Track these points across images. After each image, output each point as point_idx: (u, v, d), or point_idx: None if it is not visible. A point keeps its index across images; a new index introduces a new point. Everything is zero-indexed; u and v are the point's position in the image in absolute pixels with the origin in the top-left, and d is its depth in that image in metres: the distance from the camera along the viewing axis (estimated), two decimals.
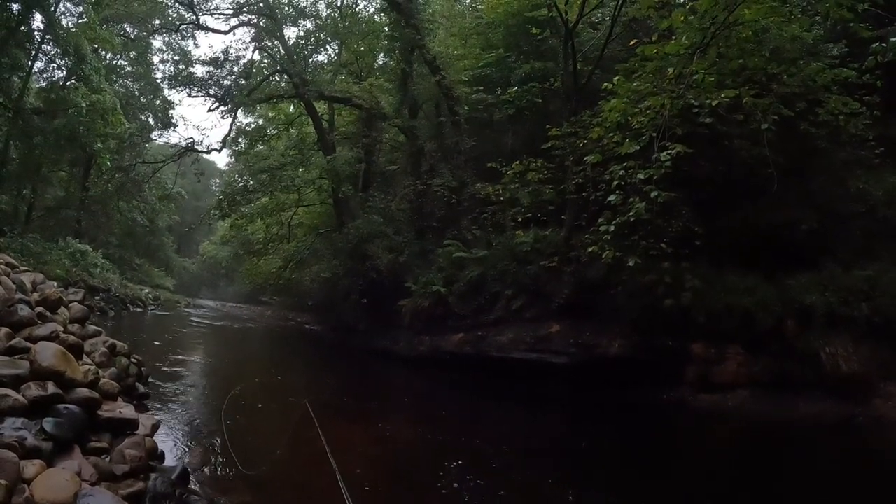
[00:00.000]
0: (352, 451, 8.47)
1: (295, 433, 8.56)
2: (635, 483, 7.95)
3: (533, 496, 7.23)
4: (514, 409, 13.00)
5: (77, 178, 36.93)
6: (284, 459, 7.65)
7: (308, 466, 7.14)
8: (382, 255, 20.76)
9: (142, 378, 9.52)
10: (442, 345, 17.17)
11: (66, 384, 5.61)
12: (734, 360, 12.67)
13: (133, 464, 5.39)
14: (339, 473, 6.48)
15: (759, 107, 11.94)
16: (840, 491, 8.05)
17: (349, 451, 8.51)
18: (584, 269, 14.17)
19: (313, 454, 7.38)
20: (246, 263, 34.57)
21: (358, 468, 7.74)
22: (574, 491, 7.36)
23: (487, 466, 8.16)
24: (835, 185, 13.28)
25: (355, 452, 8.50)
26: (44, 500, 4.18)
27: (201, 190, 60.75)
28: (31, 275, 9.00)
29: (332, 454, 7.12)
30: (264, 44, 27.39)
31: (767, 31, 11.81)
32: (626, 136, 12.11)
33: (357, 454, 8.45)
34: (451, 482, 7.78)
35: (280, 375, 15.77)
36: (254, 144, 31.25)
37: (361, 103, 24.05)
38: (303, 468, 7.02)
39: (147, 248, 48.17)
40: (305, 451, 7.69)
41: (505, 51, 20.88)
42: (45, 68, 30.48)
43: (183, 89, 29.97)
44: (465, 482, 7.73)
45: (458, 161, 19.98)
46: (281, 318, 39.82)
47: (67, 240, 30.70)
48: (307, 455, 7.44)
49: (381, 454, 8.67)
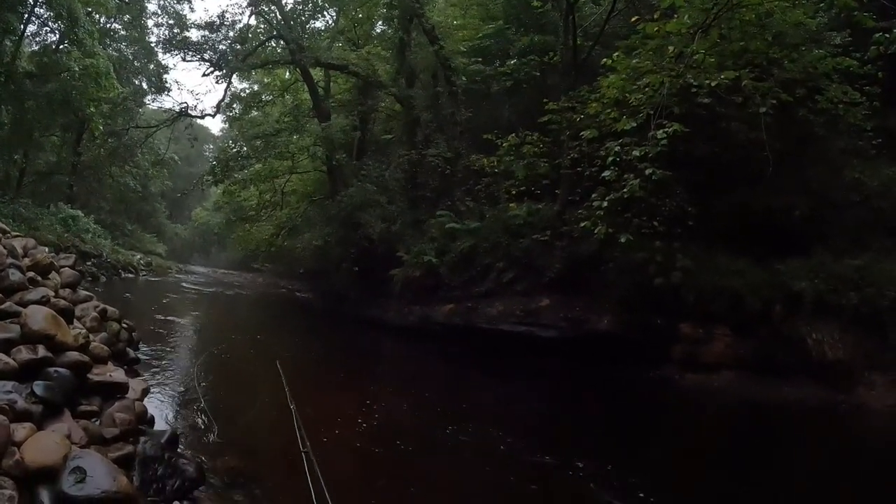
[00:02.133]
0: (339, 417, 8.53)
1: (278, 399, 8.58)
2: (617, 453, 8.03)
3: (515, 463, 7.31)
4: (501, 381, 13.08)
5: (69, 144, 36.50)
6: (270, 425, 7.70)
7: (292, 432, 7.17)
8: (375, 223, 20.70)
9: (132, 343, 9.56)
10: (432, 315, 17.27)
11: (56, 348, 5.60)
12: (721, 341, 12.76)
13: (123, 427, 5.41)
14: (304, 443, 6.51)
15: (758, 90, 11.90)
16: (814, 474, 8.19)
17: (334, 416, 8.58)
18: (577, 244, 14.22)
19: (302, 420, 7.43)
20: (238, 230, 34.38)
21: (342, 432, 7.82)
22: (555, 458, 7.46)
23: (469, 434, 8.22)
24: (830, 174, 13.27)
25: (342, 417, 8.55)
26: (34, 462, 4.19)
27: (194, 156, 60.34)
28: (23, 240, 8.93)
29: (302, 421, 7.18)
30: (261, 8, 26.94)
31: (771, 15, 11.69)
32: (623, 112, 12.12)
33: (343, 419, 8.51)
34: (430, 447, 7.89)
35: (269, 342, 15.81)
36: (248, 110, 31.06)
37: (358, 71, 23.83)
38: (287, 433, 7.04)
39: (139, 213, 48.04)
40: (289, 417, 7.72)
41: (505, 22, 20.79)
42: (37, 32, 30.16)
43: (177, 54, 29.45)
44: (444, 447, 7.84)
45: (453, 132, 19.92)
46: (272, 285, 39.88)
47: (59, 205, 30.60)
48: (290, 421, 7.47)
49: (364, 419, 8.71)
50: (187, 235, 63.44)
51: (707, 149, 13.15)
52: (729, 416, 11.48)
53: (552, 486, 6.77)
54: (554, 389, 12.61)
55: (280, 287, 37.77)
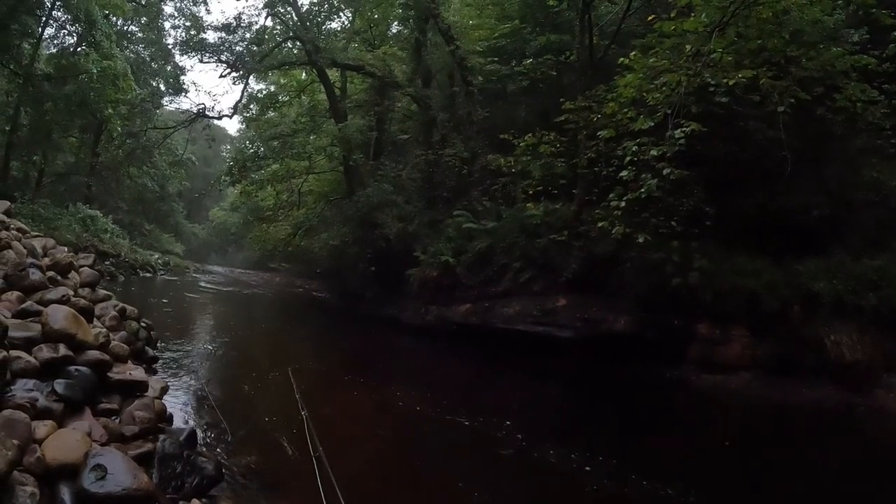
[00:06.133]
0: (356, 417, 8.57)
1: (294, 399, 8.61)
2: (634, 453, 8.01)
3: (536, 465, 7.30)
4: (518, 381, 13.07)
5: (87, 144, 36.84)
6: (286, 425, 7.73)
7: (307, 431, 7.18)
8: (392, 223, 20.71)
9: (151, 342, 9.62)
10: (448, 315, 17.27)
11: (77, 346, 5.65)
12: (739, 341, 12.69)
13: (142, 425, 5.44)
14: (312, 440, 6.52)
15: (776, 89, 11.81)
16: (829, 477, 8.08)
17: (351, 416, 8.62)
18: (593, 244, 14.16)
19: (318, 420, 7.45)
20: (255, 230, 34.60)
21: (359, 432, 7.84)
22: (572, 456, 7.46)
23: (487, 436, 8.21)
24: (849, 173, 13.17)
25: (359, 416, 8.59)
26: (55, 459, 4.22)
27: (212, 156, 60.59)
28: (42, 240, 9.06)
29: (315, 423, 7.24)
30: (277, 10, 27.03)
31: (788, 13, 11.60)
32: (640, 112, 12.03)
33: (358, 419, 8.55)
34: (448, 446, 7.91)
35: (286, 341, 15.91)
36: (265, 111, 31.18)
37: (374, 71, 23.88)
38: (303, 433, 7.06)
39: (157, 213, 48.28)
40: (312, 414, 7.73)
41: (520, 22, 20.73)
42: (55, 34, 30.32)
43: (194, 55, 29.63)
44: (460, 448, 7.87)
45: (470, 132, 19.91)
46: (289, 284, 39.99)
47: (78, 205, 30.83)
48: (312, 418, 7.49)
49: (381, 419, 8.74)
50: (205, 235, 63.73)
51: (724, 148, 13.09)
52: (747, 417, 11.40)
53: (572, 488, 6.75)
54: (571, 390, 12.57)
55: (297, 286, 37.87)
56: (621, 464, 7.29)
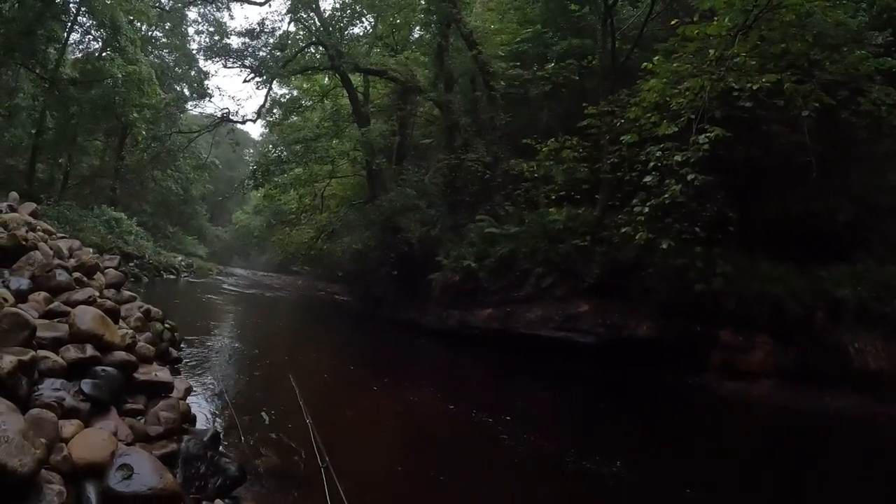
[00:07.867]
0: (378, 419, 8.60)
1: (317, 400, 8.65)
2: (655, 459, 8.01)
3: (555, 471, 7.28)
4: (539, 386, 13.07)
5: (112, 148, 37.24)
6: (306, 426, 7.78)
7: (330, 432, 7.22)
8: (414, 228, 20.73)
9: (175, 343, 9.73)
10: (470, 319, 17.26)
11: (103, 347, 5.71)
12: (762, 349, 12.60)
13: (167, 425, 5.50)
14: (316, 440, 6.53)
15: (800, 93, 11.68)
16: (852, 486, 8.01)
17: (374, 419, 8.64)
18: (616, 249, 14.12)
19: (335, 425, 7.50)
20: (278, 233, 34.77)
21: (381, 435, 7.86)
22: (593, 461, 7.46)
23: (506, 442, 8.21)
24: (874, 178, 13.01)
25: (381, 419, 8.62)
26: (81, 458, 4.27)
27: (235, 160, 60.95)
28: (68, 241, 9.19)
29: (328, 430, 7.26)
30: (300, 15, 27.20)
31: (811, 16, 11.49)
32: (663, 116, 11.99)
33: (381, 421, 8.57)
34: (470, 450, 7.91)
35: (307, 344, 15.98)
36: (288, 115, 31.40)
37: (397, 76, 23.97)
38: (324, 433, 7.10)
39: (181, 216, 48.61)
40: (330, 417, 7.77)
41: (542, 26, 20.70)
42: (80, 40, 30.78)
43: (218, 60, 29.99)
44: (481, 453, 7.85)
45: (492, 136, 19.90)
46: (311, 287, 40.16)
47: (103, 208, 31.10)
48: (330, 422, 7.53)
49: (401, 423, 8.77)
50: (228, 238, 64.06)
51: (748, 153, 12.98)
52: (769, 425, 11.33)
53: (595, 495, 6.73)
54: (593, 396, 12.52)
55: (318, 290, 38.04)
56: (642, 470, 7.27)
